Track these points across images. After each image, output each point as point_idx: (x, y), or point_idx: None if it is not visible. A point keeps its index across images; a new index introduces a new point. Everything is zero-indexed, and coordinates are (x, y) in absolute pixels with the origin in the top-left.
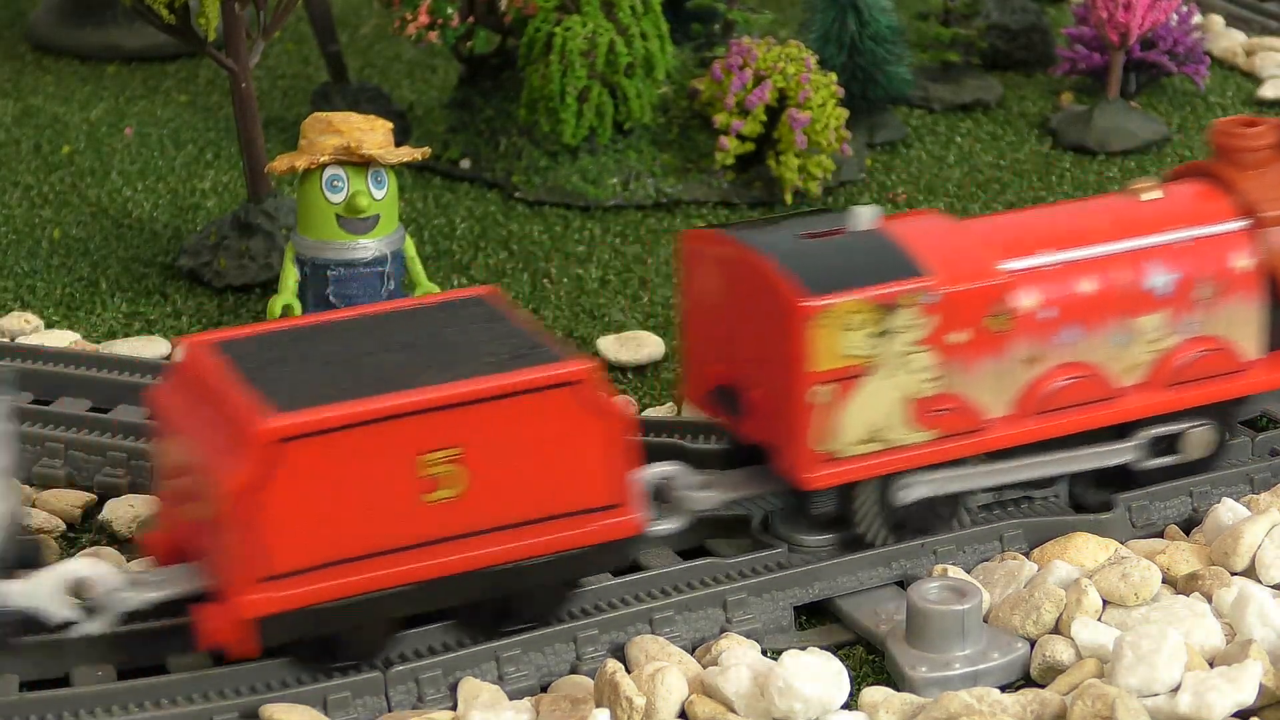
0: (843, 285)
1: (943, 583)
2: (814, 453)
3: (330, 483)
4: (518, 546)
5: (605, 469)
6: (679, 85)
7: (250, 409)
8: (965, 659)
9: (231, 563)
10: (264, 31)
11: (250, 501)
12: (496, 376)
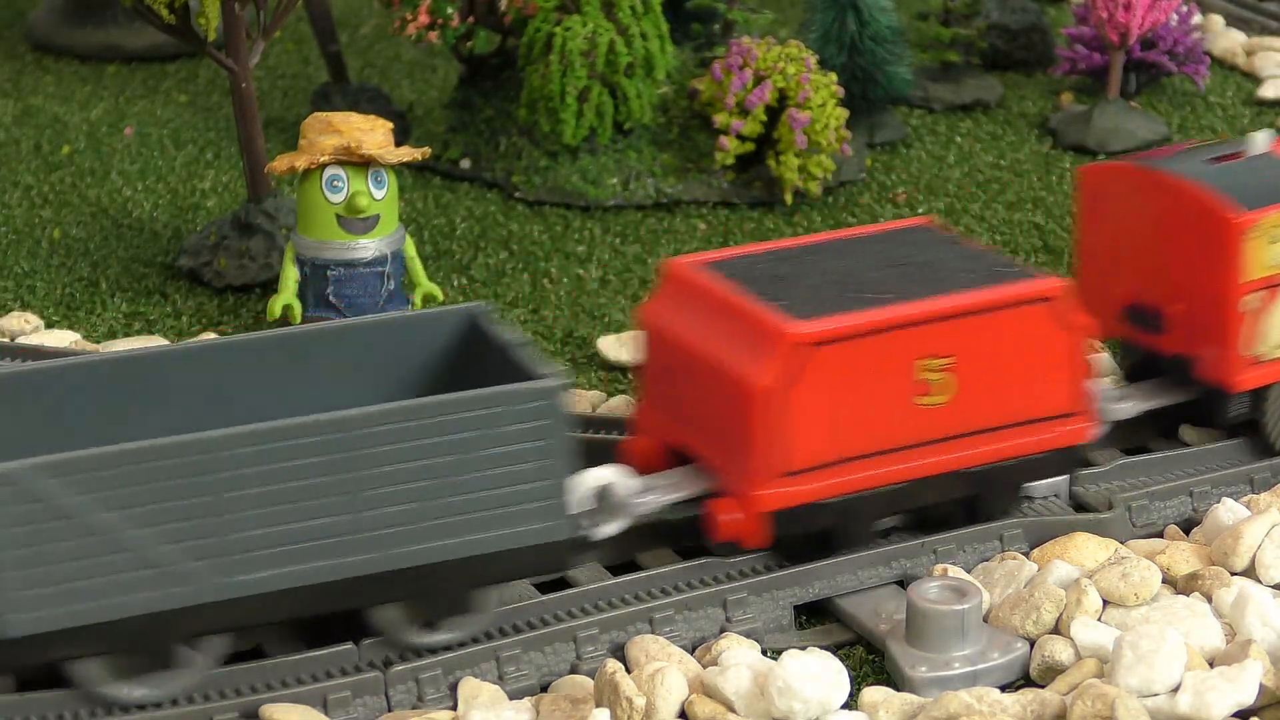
0: (1265, 201)
1: (943, 582)
2: (1242, 357)
3: (842, 386)
4: (992, 450)
5: (1070, 379)
6: (679, 85)
7: (775, 318)
8: (965, 659)
9: (753, 460)
10: (264, 31)
11: (776, 402)
12: (985, 291)
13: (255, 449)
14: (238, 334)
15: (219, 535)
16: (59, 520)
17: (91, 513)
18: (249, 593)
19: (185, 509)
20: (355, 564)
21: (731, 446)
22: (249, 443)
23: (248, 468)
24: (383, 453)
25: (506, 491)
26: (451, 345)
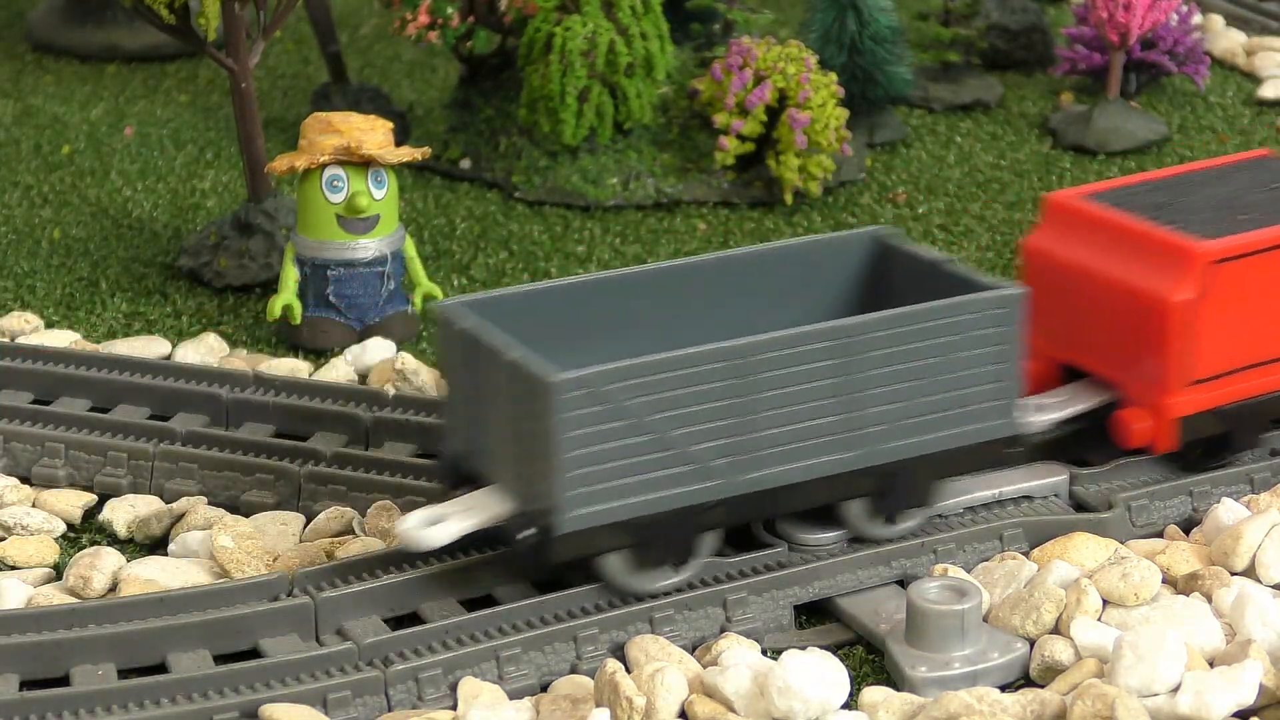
0: None
1: (943, 582)
2: None
3: (1239, 299)
4: None
5: None
6: (679, 85)
7: (1182, 239)
8: (965, 659)
9: (1166, 370)
10: (264, 31)
11: (1187, 315)
12: None
13: (776, 354)
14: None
15: (741, 434)
16: (618, 421)
17: (644, 414)
18: (757, 488)
19: (717, 410)
20: (845, 460)
21: (1139, 359)
22: (772, 348)
23: (769, 371)
24: (874, 357)
25: (969, 391)
26: (860, 265)
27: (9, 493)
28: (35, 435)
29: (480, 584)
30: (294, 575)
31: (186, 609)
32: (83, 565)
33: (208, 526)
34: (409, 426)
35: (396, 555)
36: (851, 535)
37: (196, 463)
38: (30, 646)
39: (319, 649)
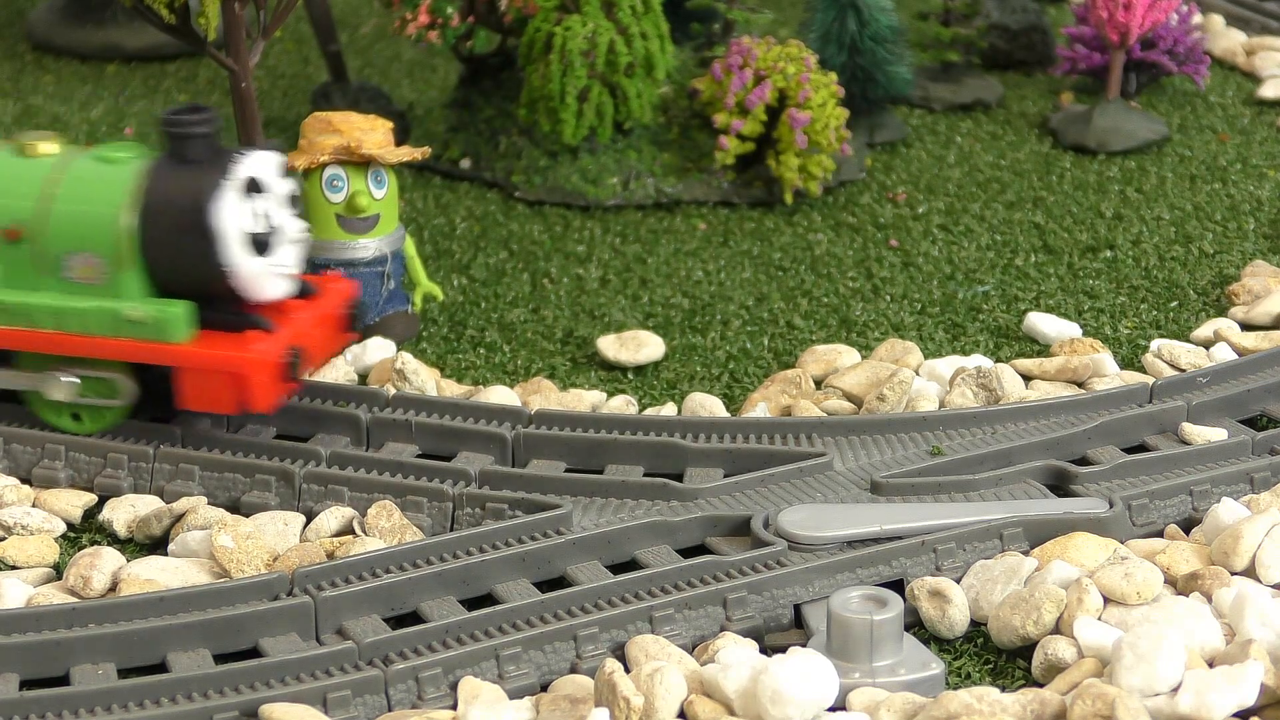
0: None
1: (869, 593)
2: None
3: None
4: None
5: None
6: (679, 85)
7: None
8: (868, 672)
9: None
10: (264, 31)
11: None
12: None
13: None
14: None
15: None
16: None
17: None
18: None
19: None
20: None
21: None
22: None
23: None
24: None
25: None
26: None
27: (9, 493)
28: (35, 436)
29: (480, 583)
30: (294, 575)
31: (186, 609)
32: (83, 565)
33: (208, 526)
34: (409, 426)
35: (396, 555)
36: None
37: (197, 464)
38: (30, 646)
39: (319, 648)
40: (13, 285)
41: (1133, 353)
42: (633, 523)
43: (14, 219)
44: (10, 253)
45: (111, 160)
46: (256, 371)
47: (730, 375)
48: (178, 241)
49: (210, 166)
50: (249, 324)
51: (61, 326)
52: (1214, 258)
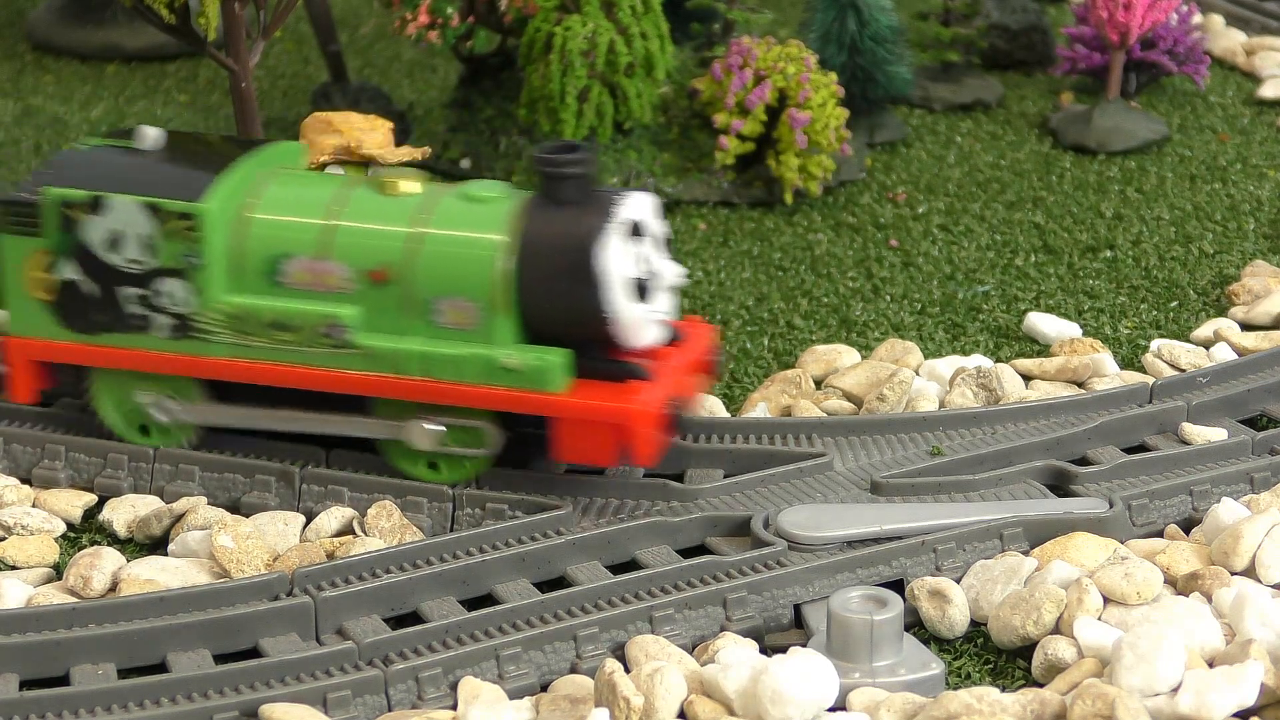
0: None
1: (868, 593)
2: None
3: None
4: None
5: None
6: (679, 85)
7: None
8: (868, 672)
9: None
10: (264, 31)
11: None
12: None
13: None
14: None
15: None
16: None
17: None
18: None
19: None
20: None
21: None
22: None
23: None
24: None
25: None
26: None
27: (9, 493)
28: (35, 437)
29: (480, 584)
30: (294, 575)
31: (186, 609)
32: (83, 565)
33: (208, 526)
34: None
35: (396, 555)
36: None
37: (197, 464)
38: (30, 646)
39: (319, 649)
40: (378, 329)
41: (1133, 353)
42: (633, 523)
43: (381, 261)
44: (376, 295)
45: (480, 200)
46: (641, 423)
47: (730, 375)
48: (558, 287)
49: (591, 208)
50: (626, 372)
51: (430, 373)
52: (1214, 258)
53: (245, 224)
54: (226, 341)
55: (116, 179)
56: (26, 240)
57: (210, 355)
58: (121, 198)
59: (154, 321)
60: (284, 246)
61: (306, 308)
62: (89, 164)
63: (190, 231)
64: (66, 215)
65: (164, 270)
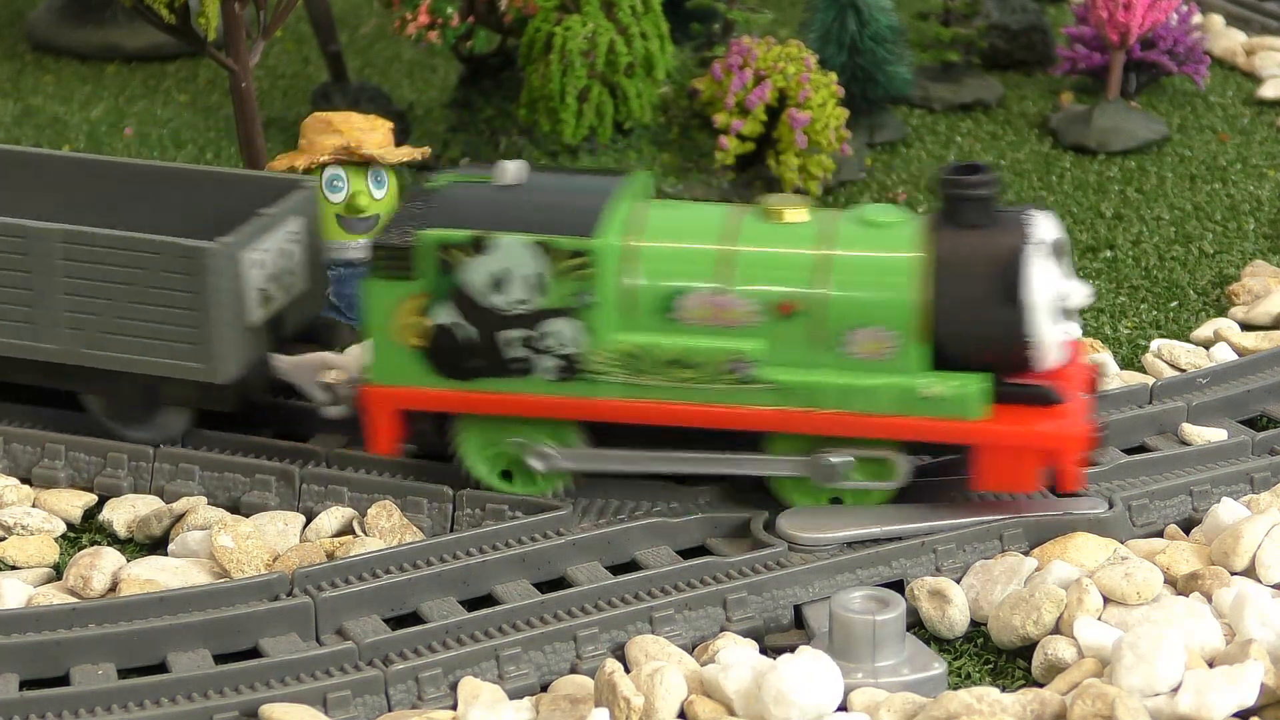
0: None
1: (869, 593)
2: None
3: None
4: None
5: None
6: (679, 85)
7: None
8: (870, 672)
9: None
10: (264, 31)
11: None
12: None
13: None
14: None
15: None
16: None
17: None
18: None
19: None
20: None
21: None
22: None
23: None
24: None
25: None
26: None
27: (9, 492)
28: (35, 436)
29: (480, 584)
30: (294, 575)
31: (186, 609)
32: (83, 565)
33: (208, 526)
34: None
35: (396, 555)
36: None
37: (197, 463)
38: (30, 646)
39: (319, 649)
40: (783, 363)
41: (1133, 353)
42: (633, 523)
43: (788, 293)
44: (781, 329)
45: (881, 225)
46: (1073, 447)
47: None
48: (979, 311)
49: (1005, 229)
50: (1040, 396)
51: (844, 405)
52: (1214, 258)
53: (634, 259)
54: (618, 382)
55: (498, 218)
56: (398, 285)
57: (599, 397)
58: (509, 237)
59: (537, 364)
60: (679, 281)
61: (710, 344)
62: (463, 204)
63: (583, 269)
64: (444, 258)
65: (552, 311)
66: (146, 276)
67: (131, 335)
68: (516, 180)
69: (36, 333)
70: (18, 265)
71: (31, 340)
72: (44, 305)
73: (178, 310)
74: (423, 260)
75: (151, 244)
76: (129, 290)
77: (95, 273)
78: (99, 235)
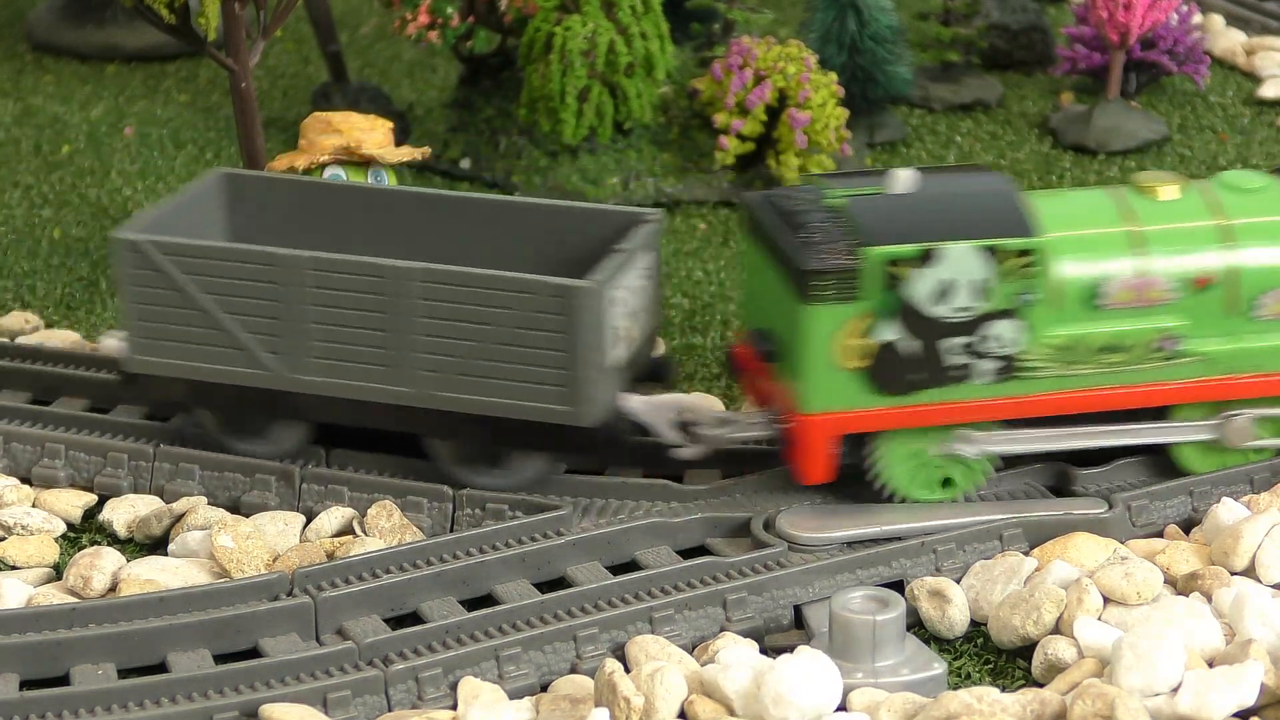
0: None
1: (870, 593)
2: None
3: None
4: None
5: None
6: (679, 85)
7: None
8: (870, 672)
9: None
10: (264, 31)
11: None
12: None
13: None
14: None
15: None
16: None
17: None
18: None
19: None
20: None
21: None
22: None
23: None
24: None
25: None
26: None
27: (9, 493)
28: (35, 436)
29: (480, 584)
30: (294, 575)
31: (186, 609)
32: (83, 565)
33: (208, 526)
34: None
35: (396, 555)
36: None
37: (197, 463)
38: (30, 646)
39: (319, 649)
40: (1202, 334)
41: None
42: (633, 523)
43: (1203, 266)
44: (1199, 301)
45: (1254, 190)
46: None
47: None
48: None
49: None
50: None
51: (1260, 367)
52: None
53: (1060, 251)
54: (1051, 375)
55: (936, 227)
56: (838, 309)
57: (1033, 393)
58: (957, 245)
59: (976, 369)
60: (1101, 267)
61: (1138, 326)
62: (887, 217)
63: (1028, 268)
64: (892, 273)
65: (994, 313)
66: (511, 316)
67: (491, 377)
68: (912, 187)
69: (388, 375)
70: (373, 305)
71: (381, 383)
72: (399, 346)
73: (543, 351)
74: (868, 279)
75: (519, 282)
76: (491, 330)
77: (456, 312)
78: (462, 274)
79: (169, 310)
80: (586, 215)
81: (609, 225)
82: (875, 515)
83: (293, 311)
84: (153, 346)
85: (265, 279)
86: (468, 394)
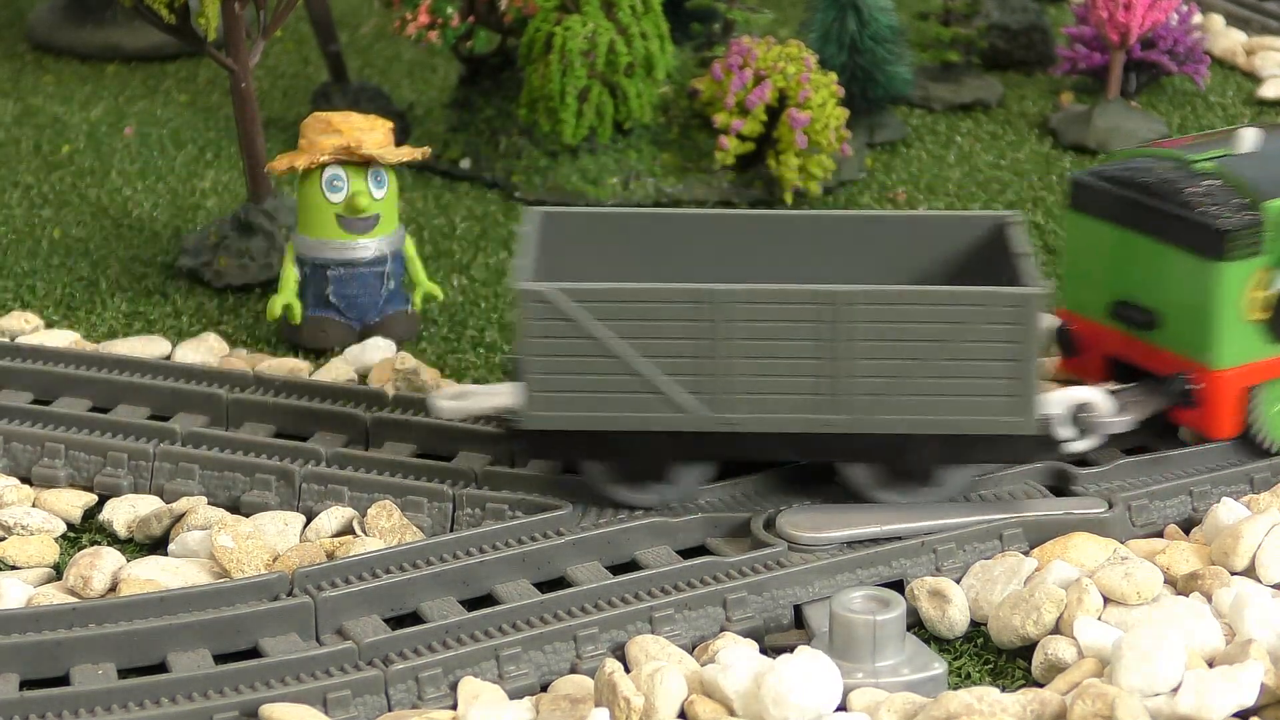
0: None
1: (870, 593)
2: None
3: None
4: None
5: None
6: (679, 85)
7: None
8: (870, 672)
9: None
10: (264, 31)
11: None
12: None
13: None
14: None
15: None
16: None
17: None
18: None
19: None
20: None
21: None
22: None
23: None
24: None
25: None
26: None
27: (9, 493)
28: (35, 435)
29: (480, 584)
30: (294, 575)
31: (186, 609)
32: (83, 565)
33: (208, 526)
34: (409, 426)
35: (396, 555)
36: None
37: (197, 463)
38: (30, 646)
39: (319, 649)
40: None
41: None
42: (633, 523)
43: None
44: None
45: None
46: None
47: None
48: None
49: None
50: None
51: None
52: None
53: None
54: None
55: None
56: (1246, 264)
57: None
58: None
59: None
60: None
61: None
62: (1274, 172)
63: None
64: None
65: None
66: (961, 330)
67: (937, 394)
68: (1261, 145)
69: (822, 404)
70: (809, 333)
71: (814, 413)
72: (836, 373)
73: (993, 362)
74: (1270, 232)
75: (974, 295)
76: (938, 346)
77: (902, 332)
78: (909, 293)
79: (573, 360)
80: (943, 223)
81: (970, 231)
82: (875, 515)
83: (720, 348)
84: (555, 400)
85: (692, 317)
86: (911, 414)
